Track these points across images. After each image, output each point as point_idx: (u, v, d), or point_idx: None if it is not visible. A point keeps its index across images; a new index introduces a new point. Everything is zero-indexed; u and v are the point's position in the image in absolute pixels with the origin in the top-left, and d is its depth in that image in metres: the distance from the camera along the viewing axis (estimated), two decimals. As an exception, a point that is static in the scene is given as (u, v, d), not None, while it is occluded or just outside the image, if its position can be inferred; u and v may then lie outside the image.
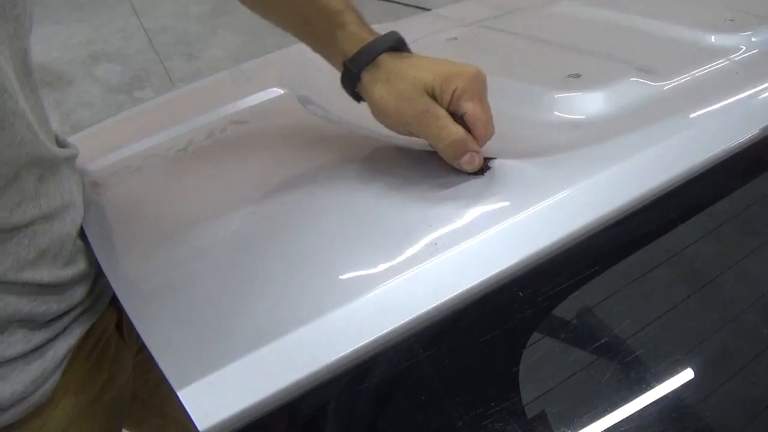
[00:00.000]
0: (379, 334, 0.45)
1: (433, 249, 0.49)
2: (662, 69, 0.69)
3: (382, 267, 0.48)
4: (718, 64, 0.70)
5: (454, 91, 0.53)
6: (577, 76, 0.68)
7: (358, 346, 0.45)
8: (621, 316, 0.55)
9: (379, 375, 0.46)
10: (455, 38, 0.82)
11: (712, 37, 0.75)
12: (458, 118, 0.55)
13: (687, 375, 0.54)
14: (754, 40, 0.74)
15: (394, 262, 0.49)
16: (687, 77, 0.68)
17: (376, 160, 0.60)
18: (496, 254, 0.49)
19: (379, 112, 0.57)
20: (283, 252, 0.51)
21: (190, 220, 0.58)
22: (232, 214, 0.57)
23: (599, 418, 0.48)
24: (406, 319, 0.46)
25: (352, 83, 0.58)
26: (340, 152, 0.62)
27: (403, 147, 0.61)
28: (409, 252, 0.49)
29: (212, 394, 0.42)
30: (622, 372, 0.52)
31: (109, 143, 0.72)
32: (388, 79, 0.55)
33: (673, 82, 0.67)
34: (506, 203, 0.53)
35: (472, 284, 0.48)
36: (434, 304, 0.47)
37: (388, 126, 0.57)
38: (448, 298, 0.47)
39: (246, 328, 0.46)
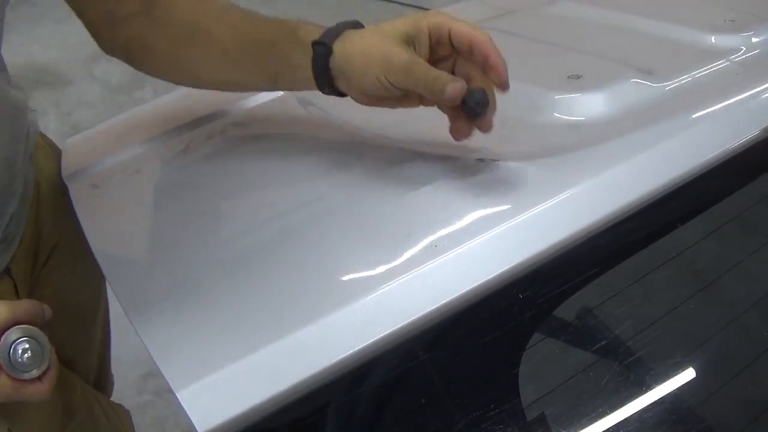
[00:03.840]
0: (380, 336, 0.45)
1: (434, 251, 0.49)
2: (662, 70, 0.69)
3: (382, 269, 0.48)
4: (718, 64, 0.70)
5: (429, 29, 0.52)
6: (577, 77, 0.68)
7: (359, 348, 0.45)
8: (622, 317, 0.55)
9: (380, 377, 0.46)
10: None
11: (713, 38, 0.75)
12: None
13: (688, 376, 0.54)
14: (754, 40, 0.74)
15: (394, 264, 0.48)
16: (687, 78, 0.68)
17: (375, 161, 0.60)
18: (496, 256, 0.49)
19: (361, 78, 0.53)
20: (283, 254, 0.51)
21: (189, 222, 0.58)
22: (231, 216, 0.57)
23: (599, 421, 0.48)
24: (407, 321, 0.46)
25: (324, 63, 0.54)
26: (339, 154, 0.62)
27: (402, 148, 0.61)
28: (410, 254, 0.49)
29: (212, 396, 0.42)
30: (623, 374, 0.52)
31: (108, 144, 0.71)
32: (362, 39, 0.53)
33: (674, 83, 0.67)
34: (507, 205, 0.53)
35: (473, 286, 0.48)
36: (434, 306, 0.47)
37: (372, 93, 0.54)
38: (448, 299, 0.47)
39: (246, 330, 0.45)
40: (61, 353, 0.76)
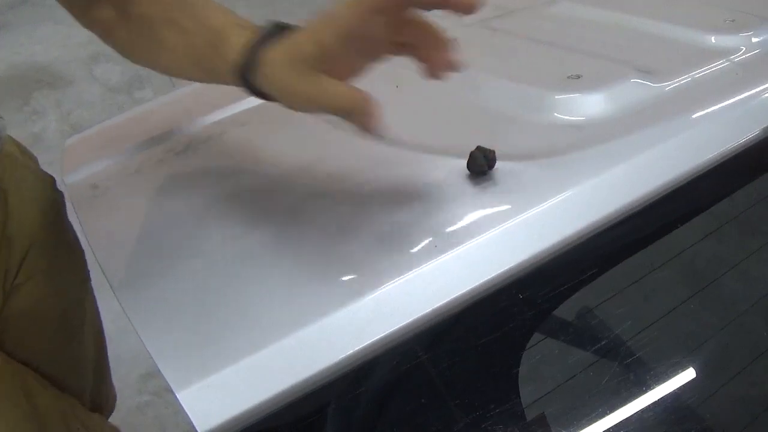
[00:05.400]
0: (379, 336, 0.45)
1: (434, 251, 0.49)
2: (662, 70, 0.69)
3: (381, 269, 0.48)
4: (718, 64, 0.70)
5: (337, 42, 0.46)
6: (577, 77, 0.68)
7: (358, 348, 0.45)
8: (621, 317, 0.55)
9: (379, 377, 0.46)
10: (455, 39, 0.82)
11: (713, 38, 0.75)
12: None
13: (687, 376, 0.54)
14: (754, 40, 0.74)
15: (393, 264, 0.48)
16: (687, 78, 0.68)
17: (375, 161, 0.60)
18: (496, 256, 0.49)
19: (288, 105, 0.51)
20: (283, 254, 0.51)
21: (189, 222, 0.58)
22: (231, 217, 0.57)
23: (599, 421, 0.48)
24: (406, 321, 0.46)
25: (257, 94, 0.53)
26: (340, 154, 0.62)
27: (402, 147, 0.61)
28: (409, 254, 0.49)
29: (212, 397, 0.42)
30: (623, 373, 0.52)
31: (108, 144, 0.71)
32: (268, 78, 0.50)
33: (674, 83, 0.67)
34: (506, 205, 0.53)
35: (472, 286, 0.48)
36: (434, 306, 0.47)
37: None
38: (448, 299, 0.47)
39: (246, 331, 0.45)
40: (50, 371, 0.73)
